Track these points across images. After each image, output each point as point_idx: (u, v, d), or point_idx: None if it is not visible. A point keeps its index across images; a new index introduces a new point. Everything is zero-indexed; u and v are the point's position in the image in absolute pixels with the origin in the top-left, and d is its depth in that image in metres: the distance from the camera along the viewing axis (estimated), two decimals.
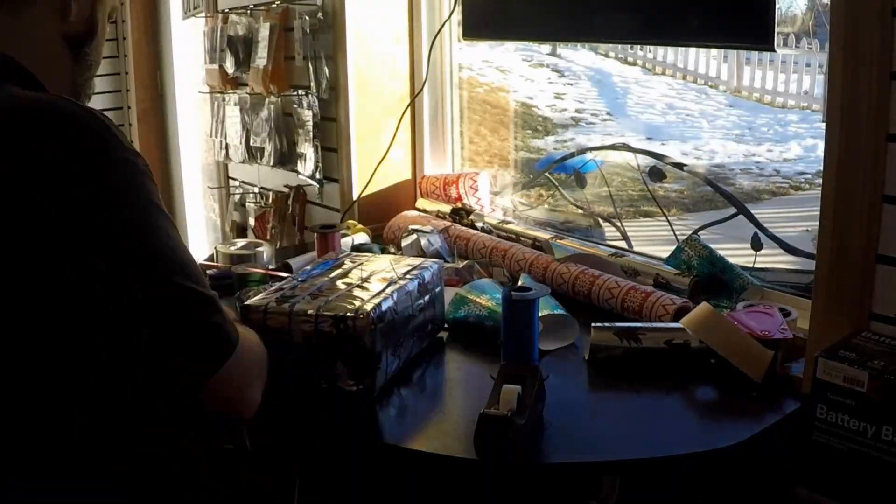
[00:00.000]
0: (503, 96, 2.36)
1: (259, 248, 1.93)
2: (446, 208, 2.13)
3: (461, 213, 2.10)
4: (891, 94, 1.17)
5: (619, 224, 2.03)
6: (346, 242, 1.96)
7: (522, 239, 1.94)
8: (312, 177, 2.33)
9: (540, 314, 1.41)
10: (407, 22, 2.27)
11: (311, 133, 2.29)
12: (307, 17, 2.22)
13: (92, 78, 1.16)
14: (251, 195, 2.71)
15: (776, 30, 1.48)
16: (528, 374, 1.22)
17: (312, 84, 2.26)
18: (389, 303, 1.32)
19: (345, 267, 1.49)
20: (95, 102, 1.17)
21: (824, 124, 1.24)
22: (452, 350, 1.51)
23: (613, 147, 2.04)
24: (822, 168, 1.26)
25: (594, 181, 2.08)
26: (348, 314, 1.26)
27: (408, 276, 1.43)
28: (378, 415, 1.27)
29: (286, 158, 2.43)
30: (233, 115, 2.58)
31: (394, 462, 1.22)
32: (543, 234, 1.91)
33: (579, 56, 2.22)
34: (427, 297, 1.45)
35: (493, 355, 1.40)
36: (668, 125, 2.04)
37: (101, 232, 0.92)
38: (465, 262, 1.83)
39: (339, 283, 1.39)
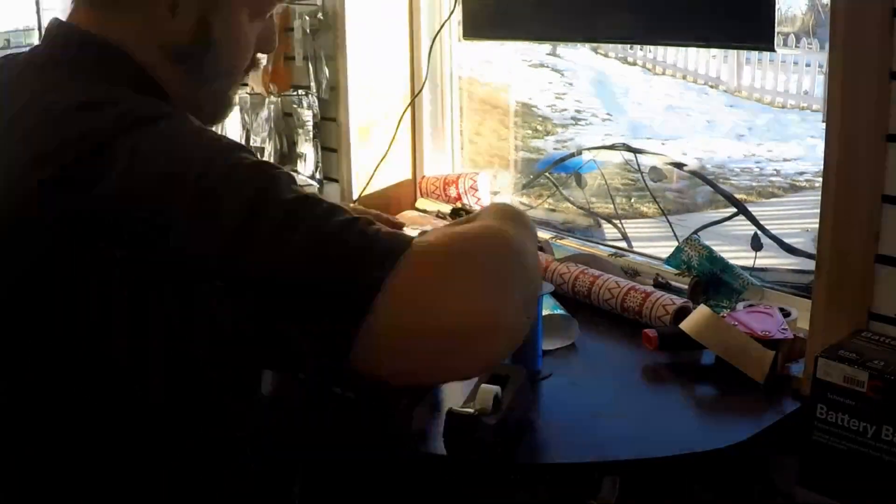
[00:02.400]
0: (503, 96, 2.35)
1: None
2: (446, 208, 2.13)
3: (461, 213, 2.10)
4: (891, 94, 1.18)
5: (619, 224, 2.03)
6: None
7: None
8: (312, 177, 2.33)
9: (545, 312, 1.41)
10: (407, 22, 2.27)
11: (311, 133, 2.29)
12: (307, 17, 2.22)
13: (221, 89, 1.00)
14: None
15: (776, 30, 1.48)
16: (512, 374, 1.22)
17: (312, 84, 2.26)
18: None
19: None
20: None
21: (824, 124, 1.24)
22: None
23: (613, 147, 2.04)
24: (822, 168, 1.26)
25: (594, 181, 2.08)
26: None
27: None
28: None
29: (286, 158, 2.43)
30: (233, 115, 2.58)
31: (387, 463, 1.22)
32: (543, 234, 1.91)
33: (579, 56, 2.22)
34: None
35: None
36: (668, 125, 2.04)
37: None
38: None
39: None
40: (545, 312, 1.46)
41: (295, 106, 2.36)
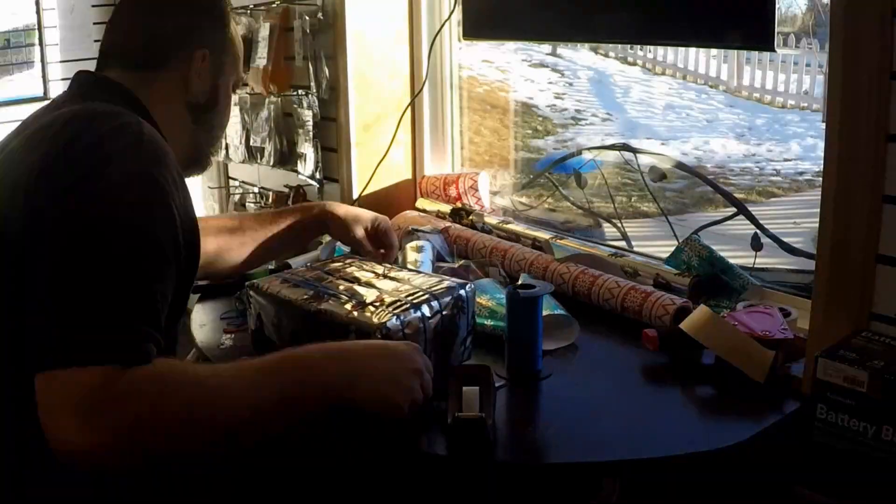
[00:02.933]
0: (503, 96, 2.35)
1: None
2: (446, 208, 2.13)
3: (461, 213, 2.10)
4: (891, 94, 1.18)
5: (619, 224, 2.03)
6: None
7: (522, 239, 1.94)
8: (312, 177, 2.33)
9: (545, 312, 1.41)
10: (407, 22, 2.27)
11: (311, 133, 2.29)
12: (307, 17, 2.22)
13: (216, 140, 1.38)
14: (251, 195, 2.71)
15: (776, 30, 1.48)
16: (483, 374, 1.22)
17: (312, 84, 2.26)
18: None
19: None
20: None
21: (824, 124, 1.24)
22: None
23: (613, 147, 2.04)
24: (822, 168, 1.26)
25: (594, 181, 2.08)
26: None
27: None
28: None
29: (286, 158, 2.43)
30: (233, 115, 2.58)
31: (387, 464, 1.22)
32: (543, 234, 1.91)
33: (579, 56, 2.22)
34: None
35: (495, 354, 1.40)
36: (667, 125, 2.04)
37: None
38: (462, 261, 1.83)
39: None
40: (545, 312, 1.46)
41: (295, 106, 2.36)
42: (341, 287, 1.33)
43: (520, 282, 1.61)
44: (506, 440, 1.18)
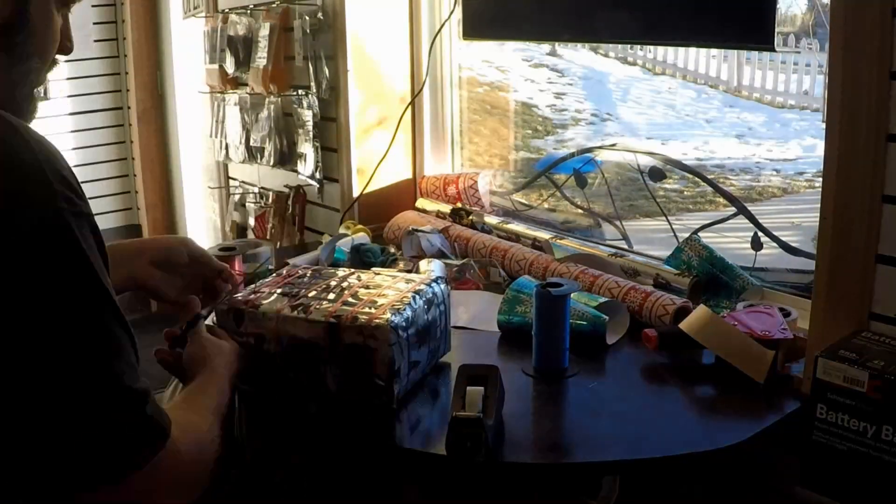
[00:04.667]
0: (503, 96, 2.36)
1: (259, 248, 1.93)
2: (446, 208, 2.13)
3: (461, 213, 2.10)
4: (891, 94, 1.18)
5: (619, 224, 2.03)
6: (346, 242, 1.96)
7: (522, 239, 1.94)
8: (312, 177, 2.33)
9: (593, 305, 1.45)
10: (407, 22, 2.27)
11: (311, 133, 2.30)
12: (307, 17, 2.22)
13: (34, 71, 1.05)
14: (251, 195, 2.71)
15: (776, 30, 1.48)
16: (489, 374, 1.22)
17: (312, 84, 2.26)
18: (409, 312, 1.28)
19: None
20: (96, 103, 1.16)
21: (824, 124, 1.24)
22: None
23: (613, 147, 2.04)
24: (821, 168, 1.26)
25: (594, 181, 2.08)
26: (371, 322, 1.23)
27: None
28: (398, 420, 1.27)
29: (286, 158, 2.43)
30: (233, 115, 2.58)
31: (387, 463, 1.22)
32: (543, 234, 1.92)
33: (579, 56, 2.22)
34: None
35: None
36: (668, 125, 2.04)
37: None
38: (462, 261, 1.83)
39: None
40: (593, 304, 1.46)
41: (295, 106, 2.36)
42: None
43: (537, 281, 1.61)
44: (507, 440, 1.18)
